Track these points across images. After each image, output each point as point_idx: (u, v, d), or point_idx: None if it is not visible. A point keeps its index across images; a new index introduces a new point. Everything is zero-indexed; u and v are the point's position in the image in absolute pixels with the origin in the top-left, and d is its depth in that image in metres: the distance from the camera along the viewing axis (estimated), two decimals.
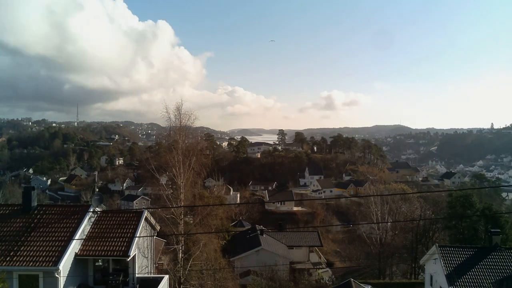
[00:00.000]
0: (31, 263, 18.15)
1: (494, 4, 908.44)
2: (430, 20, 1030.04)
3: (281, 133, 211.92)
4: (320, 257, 56.04)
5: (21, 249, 18.86)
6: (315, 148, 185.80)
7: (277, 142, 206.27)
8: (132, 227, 21.61)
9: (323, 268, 51.48)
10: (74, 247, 19.63)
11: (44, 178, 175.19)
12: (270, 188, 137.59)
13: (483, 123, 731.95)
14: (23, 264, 18.12)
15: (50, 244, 19.07)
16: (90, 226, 21.47)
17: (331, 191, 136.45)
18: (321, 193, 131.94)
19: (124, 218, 22.45)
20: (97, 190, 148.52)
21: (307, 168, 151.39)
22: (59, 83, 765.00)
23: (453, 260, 26.99)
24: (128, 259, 20.22)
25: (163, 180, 36.00)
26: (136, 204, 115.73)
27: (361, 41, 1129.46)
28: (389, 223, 53.34)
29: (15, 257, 18.40)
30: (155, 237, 27.51)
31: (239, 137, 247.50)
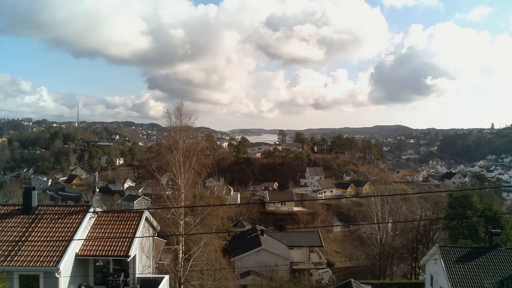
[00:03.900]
0: (32, 263, 18.14)
1: (493, 7, 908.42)
2: (430, 19, 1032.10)
3: (282, 133, 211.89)
4: (320, 257, 56.04)
5: (22, 249, 18.86)
6: (315, 149, 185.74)
7: (277, 142, 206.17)
8: (132, 227, 21.61)
9: (324, 268, 51.47)
10: (75, 247, 19.63)
11: (45, 178, 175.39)
12: (270, 188, 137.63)
13: (484, 123, 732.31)
14: (24, 264, 18.11)
15: (50, 244, 19.06)
16: (90, 226, 21.48)
17: (331, 192, 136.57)
18: (322, 193, 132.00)
19: (125, 218, 22.44)
20: (97, 190, 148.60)
21: (307, 169, 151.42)
22: None
23: (453, 261, 26.99)
24: (129, 259, 20.21)
25: (164, 180, 36.03)
26: (136, 204, 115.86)
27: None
28: (389, 224, 53.34)
29: (16, 257, 18.40)
30: (155, 237, 27.52)
31: (239, 137, 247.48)
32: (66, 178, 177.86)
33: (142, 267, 23.50)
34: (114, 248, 20.19)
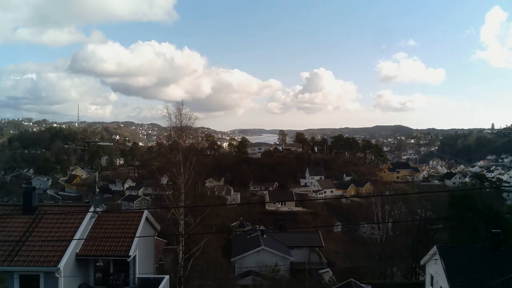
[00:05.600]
0: (32, 263, 18.17)
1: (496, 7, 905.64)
2: (430, 21, 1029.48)
3: (282, 133, 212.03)
4: (320, 257, 56.01)
5: (22, 249, 18.88)
6: (315, 149, 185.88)
7: (277, 142, 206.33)
8: (133, 227, 21.63)
9: (324, 268, 51.42)
10: (75, 247, 19.65)
11: (45, 178, 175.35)
12: (270, 188, 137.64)
13: (484, 124, 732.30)
14: (24, 264, 18.13)
15: (51, 244, 19.08)
16: (91, 226, 21.49)
17: (331, 192, 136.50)
18: (322, 193, 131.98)
19: (125, 218, 22.49)
20: (97, 190, 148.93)
21: (307, 169, 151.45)
22: None
23: (454, 261, 26.93)
24: (129, 259, 20.23)
25: (164, 180, 36.09)
26: (136, 204, 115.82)
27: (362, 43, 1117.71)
28: (389, 224, 53.31)
29: (16, 257, 18.42)
30: (155, 237, 27.53)
31: (239, 137, 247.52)
32: (66, 178, 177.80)
33: (142, 267, 23.49)
34: (115, 248, 20.22)
